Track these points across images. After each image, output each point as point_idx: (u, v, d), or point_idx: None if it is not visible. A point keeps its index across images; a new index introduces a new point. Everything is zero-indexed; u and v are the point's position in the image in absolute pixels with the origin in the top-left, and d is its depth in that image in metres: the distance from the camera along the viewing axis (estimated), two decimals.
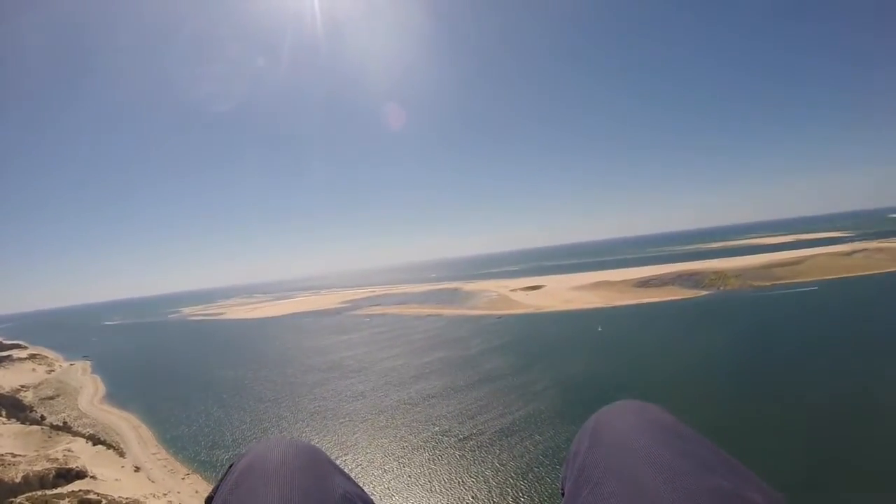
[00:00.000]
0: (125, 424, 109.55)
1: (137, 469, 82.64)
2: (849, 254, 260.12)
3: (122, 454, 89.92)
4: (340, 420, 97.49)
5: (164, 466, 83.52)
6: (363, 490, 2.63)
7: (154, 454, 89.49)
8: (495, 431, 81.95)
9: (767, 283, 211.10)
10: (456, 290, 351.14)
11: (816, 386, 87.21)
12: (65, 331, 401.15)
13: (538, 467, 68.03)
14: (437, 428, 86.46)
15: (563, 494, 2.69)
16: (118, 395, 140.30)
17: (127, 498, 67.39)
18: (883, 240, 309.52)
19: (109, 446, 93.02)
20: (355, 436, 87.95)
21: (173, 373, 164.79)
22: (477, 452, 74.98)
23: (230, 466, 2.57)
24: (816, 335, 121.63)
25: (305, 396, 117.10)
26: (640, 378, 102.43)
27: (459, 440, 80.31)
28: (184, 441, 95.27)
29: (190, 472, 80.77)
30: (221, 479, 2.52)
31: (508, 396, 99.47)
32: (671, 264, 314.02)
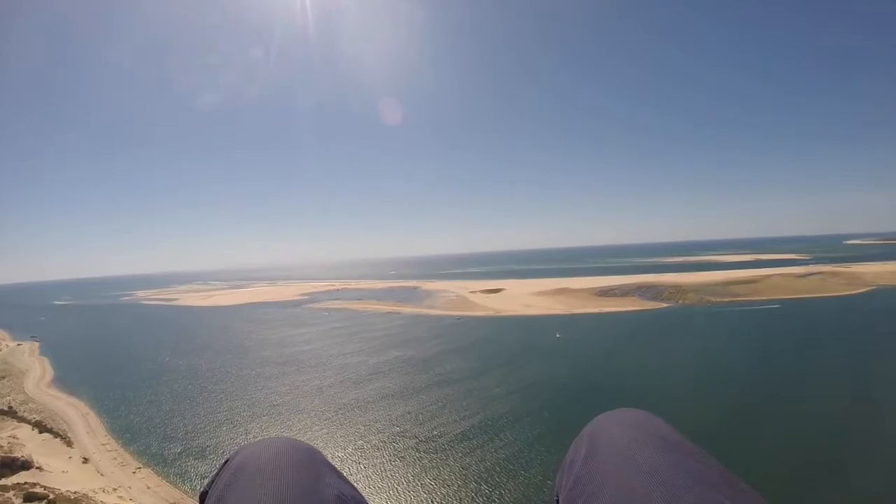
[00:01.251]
0: (73, 412, 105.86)
1: (86, 461, 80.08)
2: (803, 276, 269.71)
3: (69, 444, 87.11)
4: (298, 416, 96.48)
5: (115, 459, 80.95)
6: (358, 491, 2.59)
7: (103, 445, 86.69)
8: (455, 434, 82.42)
9: (725, 300, 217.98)
10: (416, 288, 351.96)
11: (780, 398, 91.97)
12: (11, 309, 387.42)
13: (499, 472, 68.38)
14: (397, 428, 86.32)
15: (557, 503, 2.66)
16: (67, 379, 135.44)
17: (76, 492, 65.02)
18: (838, 264, 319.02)
19: (57, 435, 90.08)
20: (312, 432, 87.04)
21: (124, 358, 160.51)
22: (438, 455, 75.13)
23: (225, 462, 2.55)
24: (779, 350, 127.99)
25: (261, 390, 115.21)
26: (598, 387, 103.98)
27: (420, 441, 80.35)
28: (134, 432, 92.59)
29: (141, 465, 78.41)
30: (216, 476, 2.50)
31: (467, 399, 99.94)
32: (632, 276, 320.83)
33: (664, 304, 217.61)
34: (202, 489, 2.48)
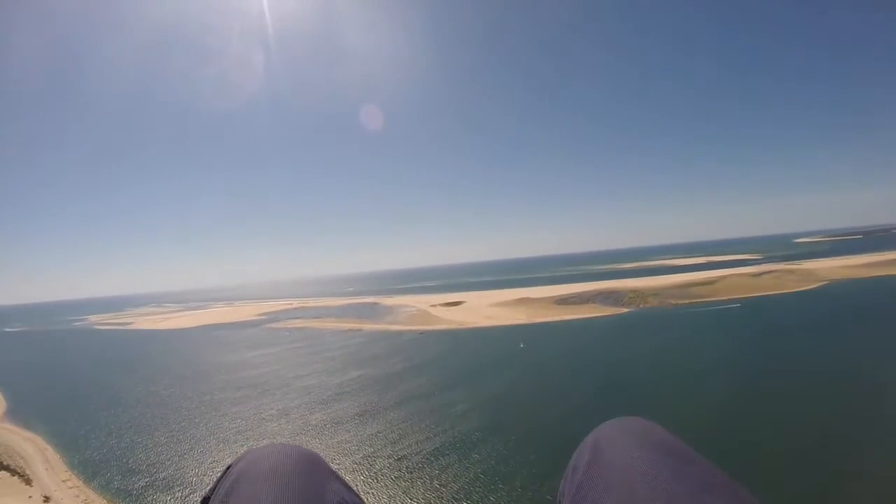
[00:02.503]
0: (30, 446, 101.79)
1: (47, 499, 77.12)
2: (758, 275, 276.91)
3: (28, 482, 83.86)
4: (264, 440, 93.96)
5: (77, 496, 78.04)
6: (361, 499, 2.59)
7: (65, 482, 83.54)
8: (430, 451, 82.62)
9: (685, 302, 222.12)
10: (375, 304, 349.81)
11: (757, 391, 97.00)
12: None
13: (479, 488, 68.36)
14: (369, 448, 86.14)
15: None
16: (21, 412, 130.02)
17: None
18: (790, 262, 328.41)
19: (14, 472, 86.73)
20: None
21: (80, 388, 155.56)
22: (414, 473, 74.99)
23: (227, 469, 2.54)
24: (746, 345, 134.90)
25: (225, 415, 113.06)
26: (566, 394, 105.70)
27: (394, 461, 79.99)
28: (95, 466, 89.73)
29: (105, 502, 75.69)
30: (218, 481, 2.49)
31: (437, 415, 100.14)
32: (589, 283, 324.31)
33: (625, 309, 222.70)
34: (204, 494, 2.47)
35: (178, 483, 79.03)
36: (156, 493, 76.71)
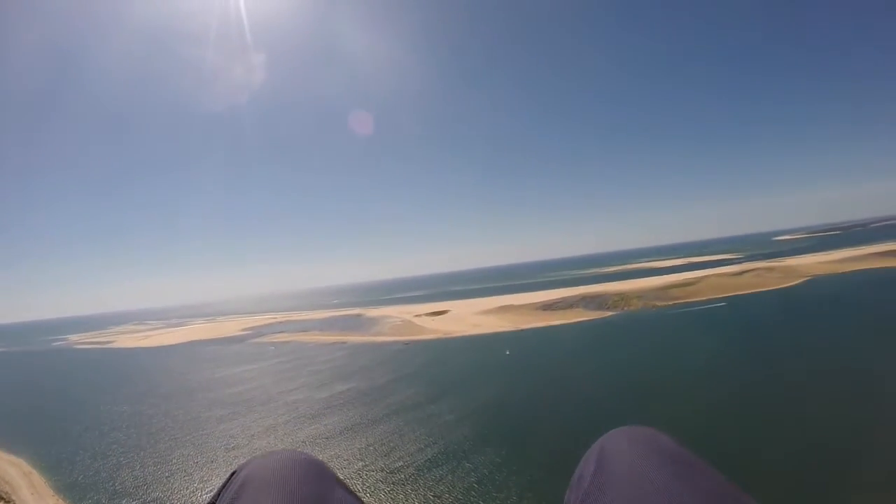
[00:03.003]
0: (14, 471, 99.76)
1: None
2: (739, 274, 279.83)
3: None
4: (255, 456, 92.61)
5: None
6: None
7: None
8: (422, 463, 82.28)
9: (669, 303, 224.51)
10: (359, 315, 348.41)
11: (752, 388, 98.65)
12: None
13: (475, 497, 68.25)
14: (360, 463, 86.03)
15: None
16: (3, 435, 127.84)
17: None
18: (771, 260, 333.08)
19: (0, 498, 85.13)
20: None
21: (63, 409, 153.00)
22: (408, 486, 74.69)
23: (232, 474, 2.54)
24: (735, 343, 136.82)
25: (212, 433, 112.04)
26: (557, 401, 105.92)
27: (387, 474, 79.73)
28: (82, 490, 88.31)
29: None
30: (222, 488, 2.50)
31: (427, 426, 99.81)
32: (573, 288, 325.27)
33: (610, 313, 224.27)
34: (208, 501, 2.46)
35: None
36: None
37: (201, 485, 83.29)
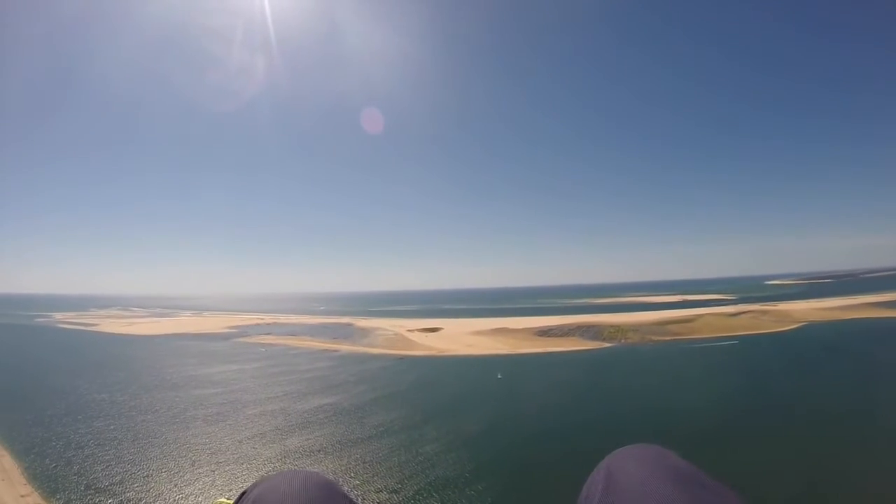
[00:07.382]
0: None
1: None
2: (735, 314, 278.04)
3: None
4: (240, 465, 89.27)
5: None
6: None
7: (24, 497, 76.42)
8: (419, 489, 77.30)
9: (665, 339, 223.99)
10: (349, 325, 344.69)
11: (746, 429, 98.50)
12: None
13: None
14: (356, 482, 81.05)
15: None
16: None
17: None
18: (765, 303, 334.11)
19: None
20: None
21: (39, 390, 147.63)
22: None
23: (241, 495, 2.51)
24: (732, 383, 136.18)
25: (198, 435, 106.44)
26: (556, 431, 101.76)
27: (388, 493, 75.62)
28: (56, 480, 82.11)
29: None
30: None
31: (426, 446, 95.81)
32: (567, 316, 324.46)
33: (607, 344, 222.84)
34: None
35: None
36: None
37: (184, 490, 78.31)
